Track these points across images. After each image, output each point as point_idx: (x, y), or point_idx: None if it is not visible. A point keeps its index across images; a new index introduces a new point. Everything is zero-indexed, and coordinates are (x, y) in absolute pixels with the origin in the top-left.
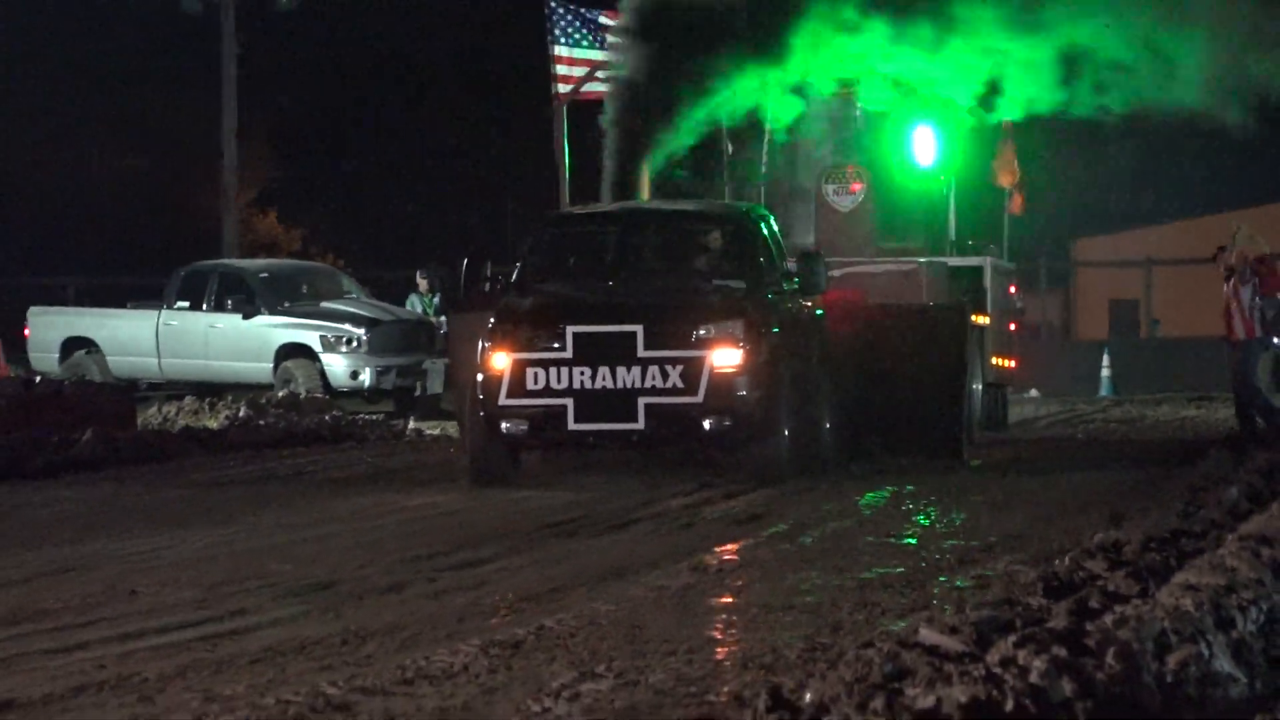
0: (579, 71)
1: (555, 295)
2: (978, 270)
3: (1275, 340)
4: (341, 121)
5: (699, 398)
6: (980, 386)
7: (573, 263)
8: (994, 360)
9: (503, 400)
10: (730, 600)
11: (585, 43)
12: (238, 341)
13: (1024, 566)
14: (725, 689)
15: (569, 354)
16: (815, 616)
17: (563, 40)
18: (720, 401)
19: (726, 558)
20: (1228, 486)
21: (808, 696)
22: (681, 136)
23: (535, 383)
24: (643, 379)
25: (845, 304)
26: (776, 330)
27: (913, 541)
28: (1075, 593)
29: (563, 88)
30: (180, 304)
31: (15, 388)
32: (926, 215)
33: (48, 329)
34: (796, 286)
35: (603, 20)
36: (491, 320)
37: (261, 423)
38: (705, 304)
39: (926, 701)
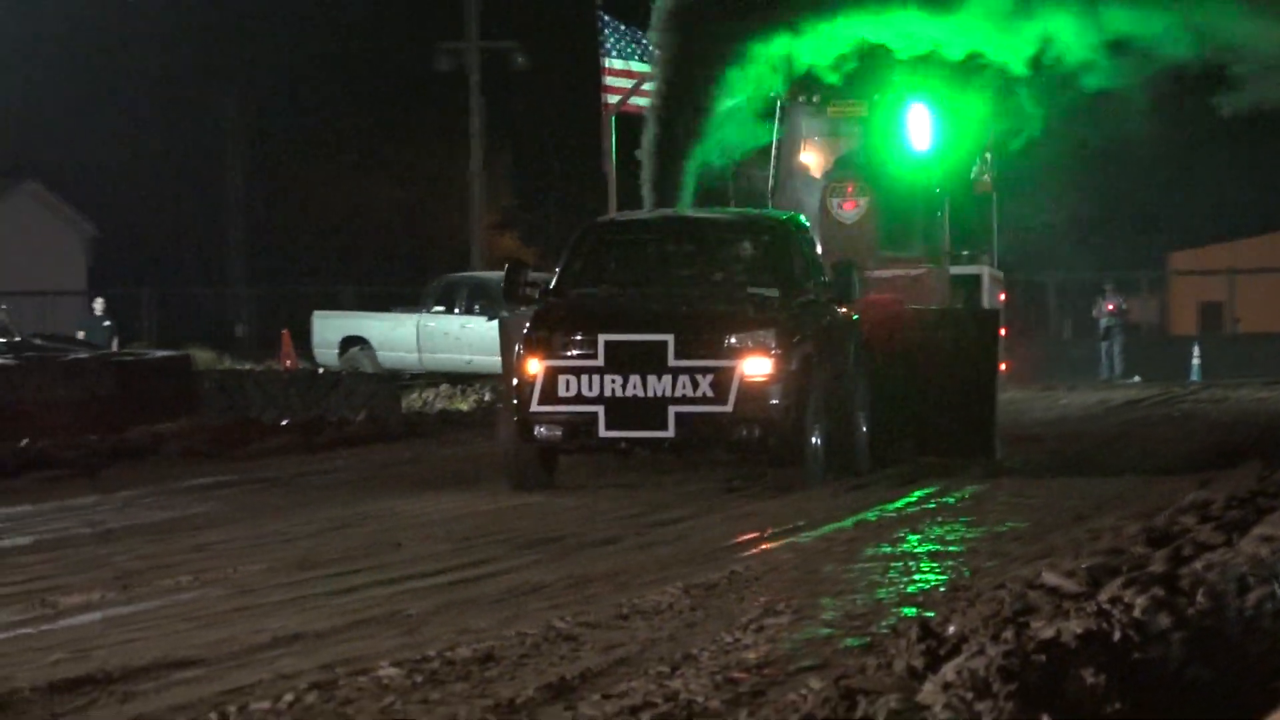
0: (628, 84)
1: (589, 302)
2: (975, 278)
3: None
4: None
5: (729, 407)
6: None
7: (611, 270)
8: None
9: (535, 406)
10: (888, 550)
11: (635, 56)
12: (484, 339)
13: (1128, 522)
14: (884, 623)
15: (601, 362)
16: (958, 563)
17: (614, 53)
18: (750, 410)
19: (886, 515)
20: None
21: (951, 629)
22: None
23: (567, 389)
24: (673, 388)
25: (882, 309)
26: (809, 338)
27: (1035, 501)
28: (1171, 543)
29: (611, 99)
30: (436, 308)
31: (305, 377)
32: (924, 226)
33: (328, 329)
34: (831, 294)
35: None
36: (526, 326)
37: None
38: (736, 313)
39: (1048, 633)
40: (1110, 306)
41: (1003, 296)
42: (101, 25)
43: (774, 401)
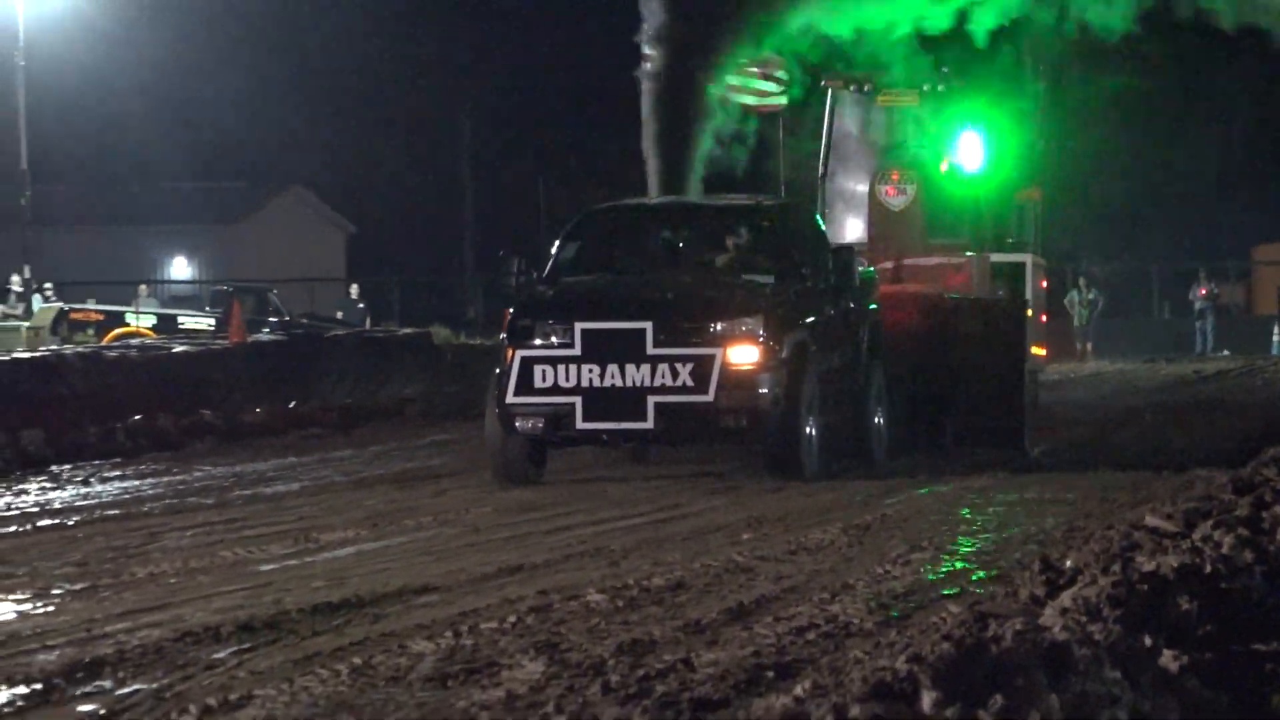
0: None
1: (571, 291)
2: (1020, 266)
3: None
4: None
5: (709, 396)
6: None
7: (603, 257)
8: (1032, 349)
9: (510, 398)
10: (1015, 497)
11: None
12: None
13: (1218, 473)
14: (1012, 557)
15: (578, 351)
16: (1072, 508)
17: None
18: (733, 400)
19: (1008, 472)
20: None
21: (1068, 563)
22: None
23: (544, 380)
24: (652, 377)
25: (906, 297)
26: (803, 326)
27: (1134, 457)
28: (1254, 491)
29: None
30: None
31: None
32: (972, 214)
33: None
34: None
35: None
36: (509, 316)
37: None
38: (719, 300)
39: (1149, 566)
40: (1203, 291)
41: (1044, 284)
42: (358, 55)
43: (763, 391)
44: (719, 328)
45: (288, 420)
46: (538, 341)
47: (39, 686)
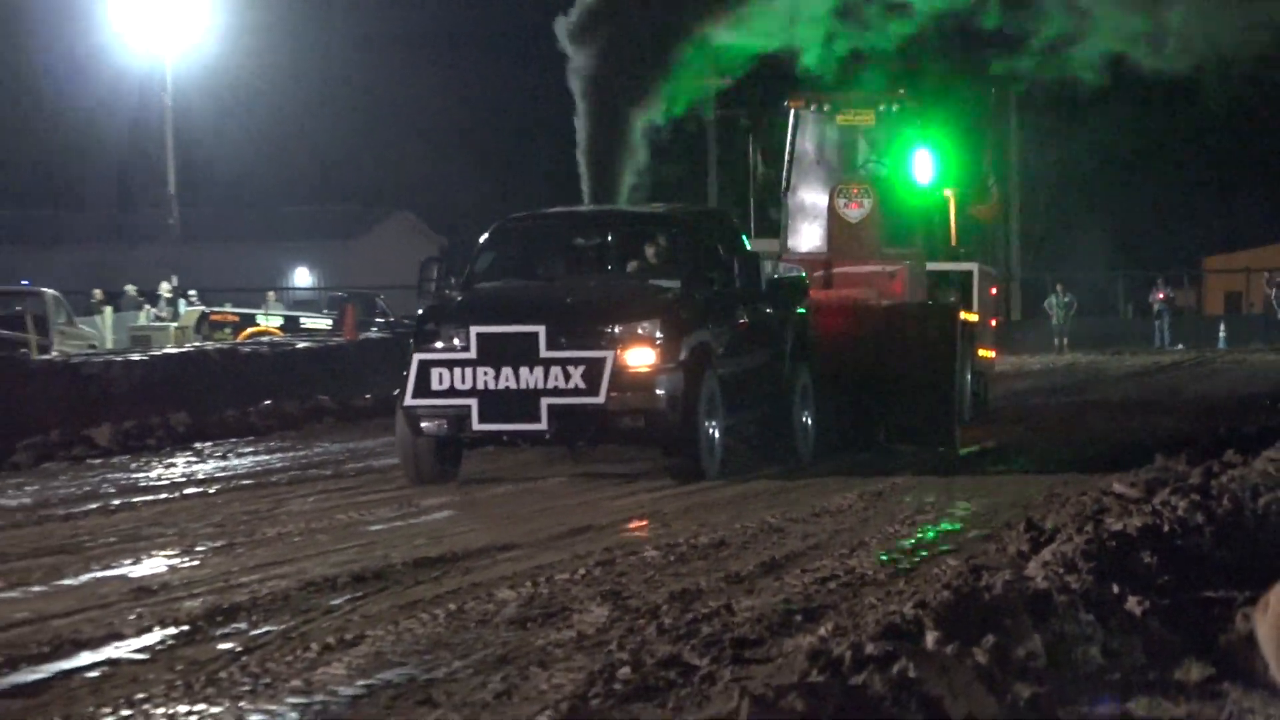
0: None
1: (473, 296)
2: (968, 274)
3: None
4: None
5: (600, 398)
6: (969, 375)
7: (517, 264)
8: (979, 352)
9: (409, 400)
10: (1003, 469)
11: None
12: None
13: (1174, 448)
14: (1001, 518)
15: (473, 354)
16: (1052, 477)
17: None
18: (627, 402)
19: (991, 445)
20: None
21: (1048, 523)
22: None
23: (441, 382)
24: (545, 379)
25: (837, 302)
26: (706, 328)
27: (1114, 432)
28: (1204, 462)
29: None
30: None
31: None
32: (925, 226)
33: None
34: (761, 288)
35: None
36: (416, 320)
37: None
38: (614, 304)
39: (1117, 526)
40: (1161, 295)
41: (994, 291)
42: (455, 99)
43: (659, 392)
44: (612, 331)
45: (393, 404)
46: (438, 345)
47: (186, 628)
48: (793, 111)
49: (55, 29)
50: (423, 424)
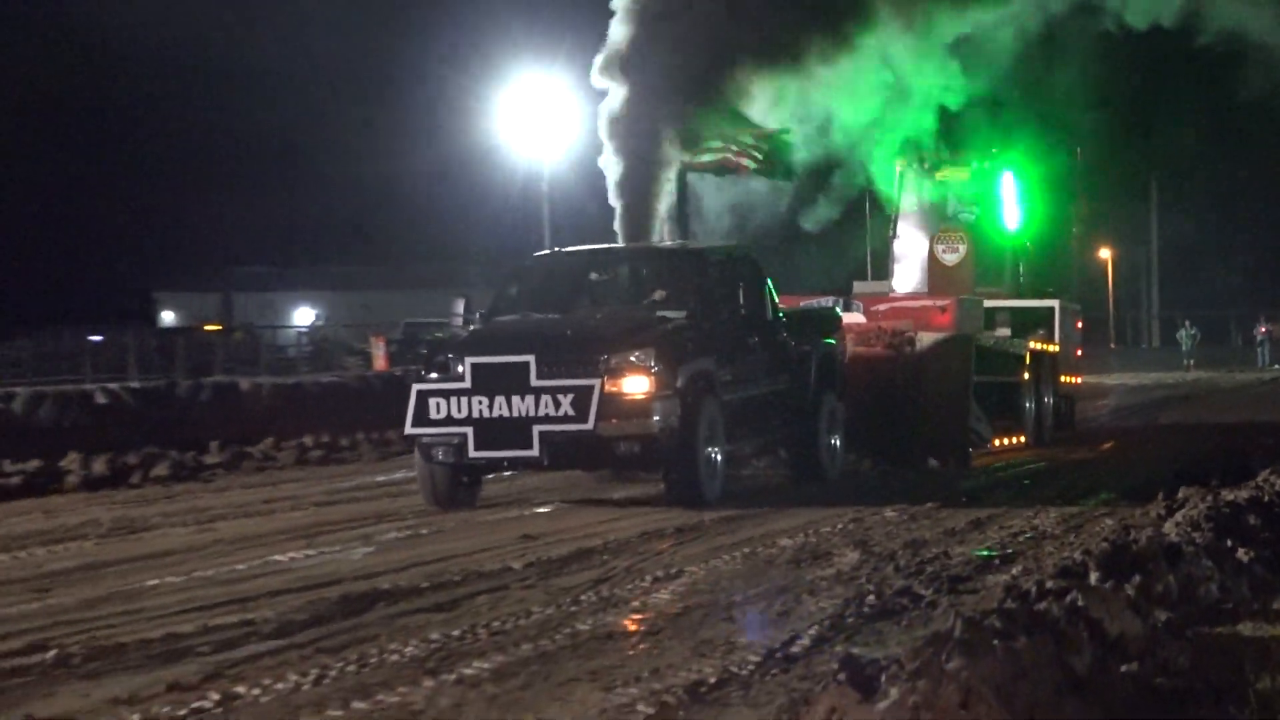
0: None
1: (484, 329)
2: (1050, 310)
3: None
4: None
5: (589, 425)
6: (1051, 399)
7: (536, 299)
8: (1063, 378)
9: (409, 429)
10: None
11: None
12: None
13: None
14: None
15: (468, 384)
16: (1178, 464)
17: None
18: (619, 428)
19: (1046, 464)
20: None
21: (1179, 495)
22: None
23: (438, 411)
24: (537, 407)
25: (859, 333)
26: (707, 357)
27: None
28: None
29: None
30: None
31: None
32: (1013, 268)
33: None
34: (780, 319)
35: None
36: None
37: None
38: (607, 334)
39: (1230, 497)
40: (1264, 329)
41: (1079, 324)
42: None
43: (655, 419)
44: (603, 360)
45: None
46: (434, 376)
47: (557, 563)
48: (899, 169)
49: (461, 136)
50: (434, 452)
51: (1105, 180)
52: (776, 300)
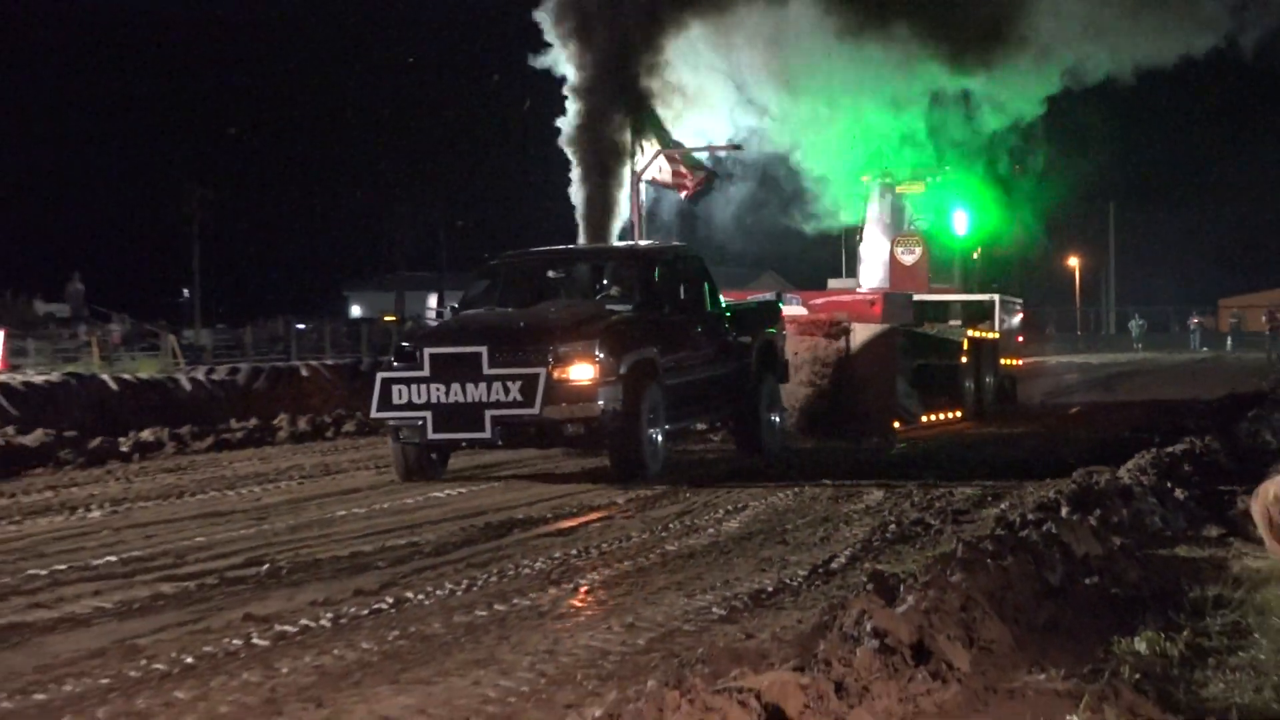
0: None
1: (449, 322)
2: (990, 303)
3: None
4: None
5: (535, 409)
6: (992, 379)
7: (502, 295)
8: (1003, 361)
9: (373, 413)
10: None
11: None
12: None
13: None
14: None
15: (427, 372)
16: (1125, 430)
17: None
18: (565, 412)
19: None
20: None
21: (1129, 450)
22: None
23: (400, 397)
24: (488, 393)
25: (801, 324)
26: (650, 346)
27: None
28: (1225, 414)
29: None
30: None
31: None
32: (961, 268)
33: None
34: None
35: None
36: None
37: None
38: (556, 326)
39: (1169, 449)
40: (1195, 320)
41: (1020, 315)
42: None
43: (599, 403)
44: (551, 349)
45: None
46: (398, 365)
47: (648, 500)
48: (866, 185)
49: None
50: (400, 432)
51: (1070, 200)
52: (719, 294)
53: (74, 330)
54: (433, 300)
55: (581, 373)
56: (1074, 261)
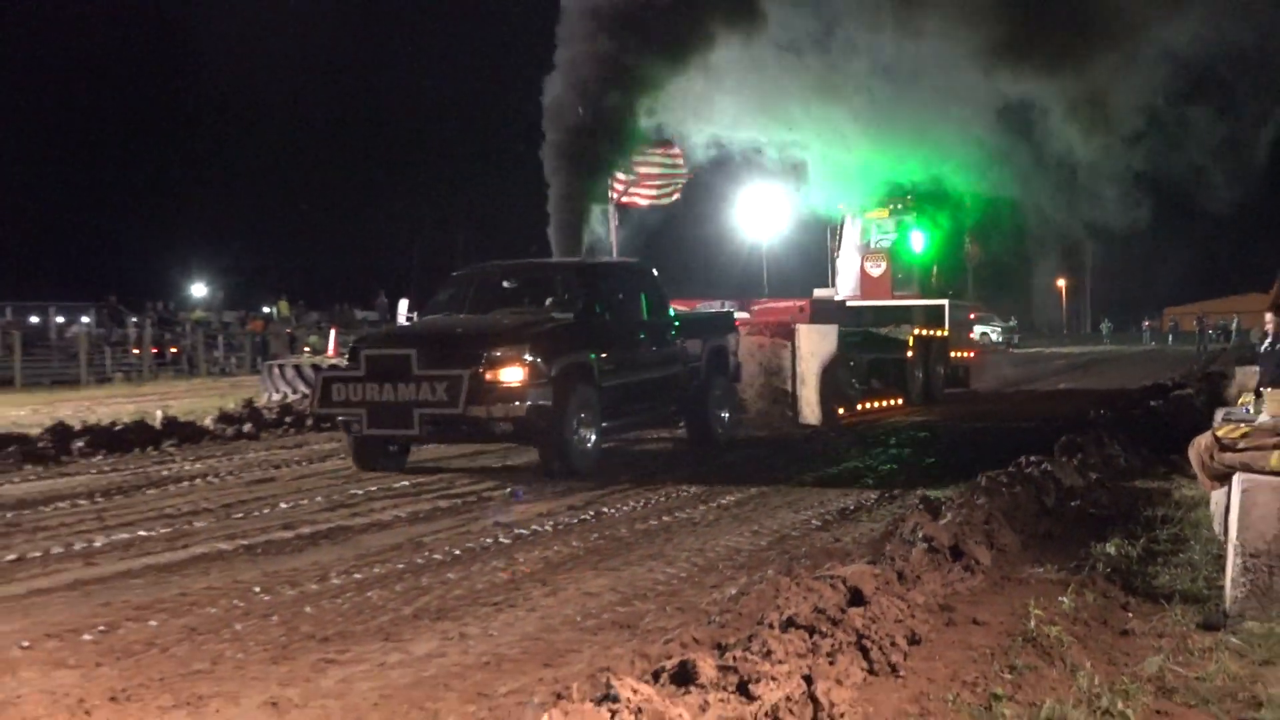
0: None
1: (387, 328)
2: (941, 307)
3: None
4: None
5: (459, 409)
6: (943, 369)
7: (458, 303)
8: (953, 354)
9: (315, 408)
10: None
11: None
12: None
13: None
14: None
15: (363, 372)
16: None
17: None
18: (490, 410)
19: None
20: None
21: (1063, 439)
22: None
23: (339, 395)
24: (417, 393)
25: (753, 327)
26: (585, 351)
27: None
28: (1157, 392)
29: (616, 192)
30: None
31: None
32: (921, 278)
33: None
34: (672, 319)
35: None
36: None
37: None
38: (487, 332)
39: (1133, 412)
40: (1146, 324)
41: (972, 315)
42: None
43: (526, 403)
44: (480, 353)
45: None
46: (342, 365)
47: (773, 449)
48: (841, 211)
49: (711, 218)
50: (349, 426)
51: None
52: (668, 305)
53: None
54: (404, 306)
55: (511, 374)
56: (1061, 282)
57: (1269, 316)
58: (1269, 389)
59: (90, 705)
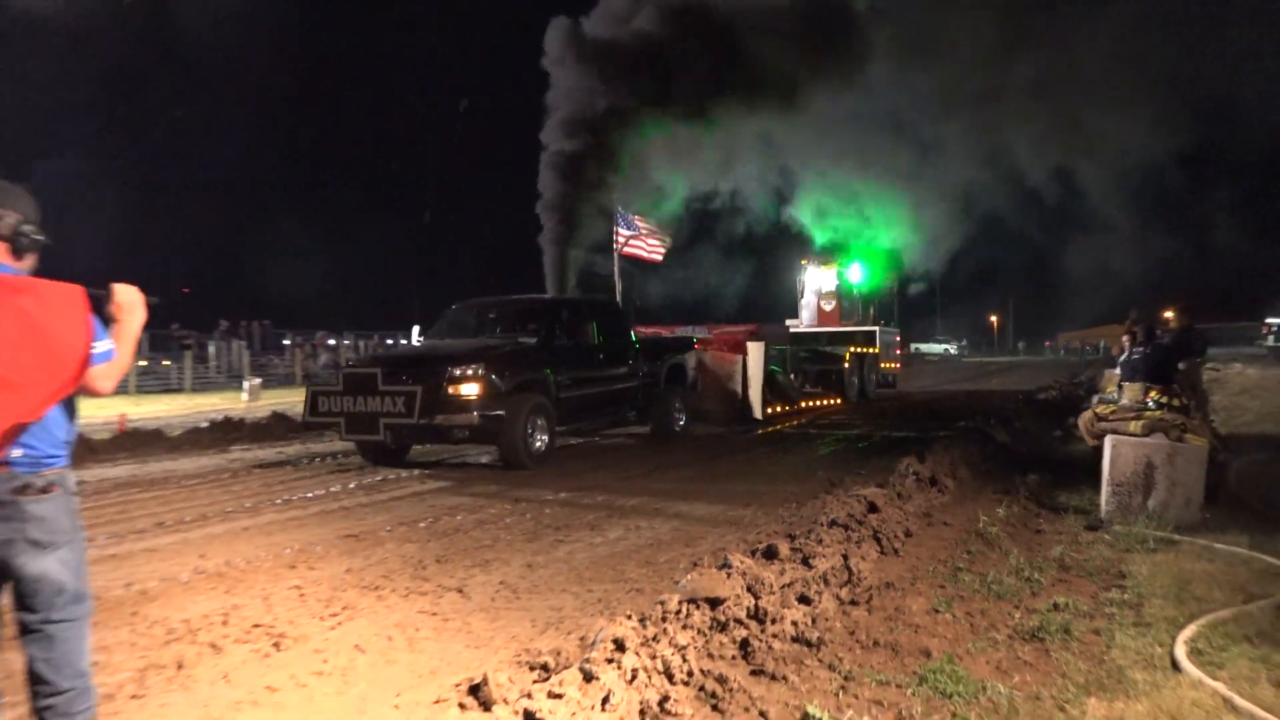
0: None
1: (376, 352)
2: (872, 332)
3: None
4: None
5: (414, 419)
6: (874, 376)
7: (449, 332)
8: (883, 365)
9: (306, 417)
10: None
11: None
12: None
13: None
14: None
15: (341, 388)
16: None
17: (623, 225)
18: (448, 420)
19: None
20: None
21: (960, 424)
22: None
23: (323, 406)
24: (381, 405)
25: (715, 344)
26: (541, 369)
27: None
28: (1062, 384)
29: (619, 242)
30: None
31: None
32: (862, 310)
33: None
34: (633, 343)
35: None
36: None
37: None
38: (455, 353)
39: (1038, 397)
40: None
41: (898, 337)
42: None
43: (476, 413)
44: (440, 371)
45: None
46: (328, 381)
47: (789, 438)
48: (803, 262)
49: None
50: (346, 431)
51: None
52: (629, 330)
53: None
54: (415, 331)
55: (469, 389)
56: (994, 317)
57: (1125, 339)
58: (1125, 384)
59: (426, 564)
